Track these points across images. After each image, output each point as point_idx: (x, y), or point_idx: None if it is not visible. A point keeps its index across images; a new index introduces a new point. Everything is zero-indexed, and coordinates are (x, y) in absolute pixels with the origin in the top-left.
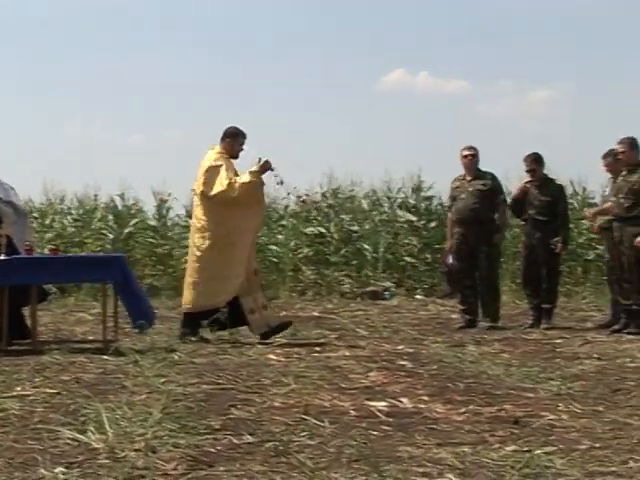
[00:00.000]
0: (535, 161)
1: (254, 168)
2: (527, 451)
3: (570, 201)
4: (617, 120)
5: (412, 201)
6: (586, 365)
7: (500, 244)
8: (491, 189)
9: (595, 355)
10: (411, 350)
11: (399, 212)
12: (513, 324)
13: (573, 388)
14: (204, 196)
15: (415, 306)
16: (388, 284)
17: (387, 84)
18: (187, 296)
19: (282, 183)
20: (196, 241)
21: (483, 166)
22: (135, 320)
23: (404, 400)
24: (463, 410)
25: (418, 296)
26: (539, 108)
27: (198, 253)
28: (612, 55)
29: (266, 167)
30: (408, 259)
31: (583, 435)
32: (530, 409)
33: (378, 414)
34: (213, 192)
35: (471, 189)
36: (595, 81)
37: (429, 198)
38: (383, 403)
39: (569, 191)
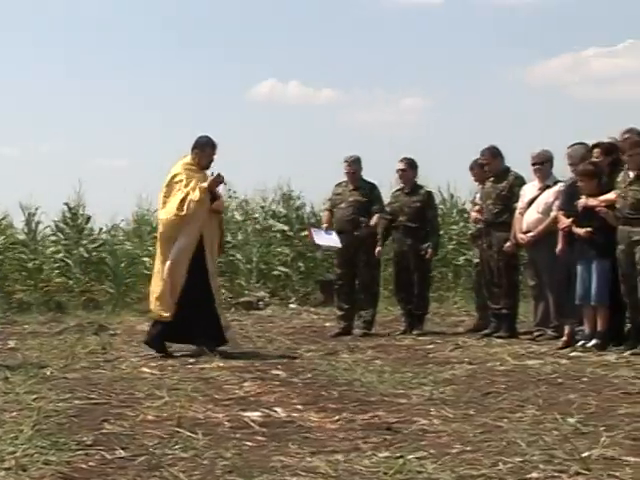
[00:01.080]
0: (409, 164)
1: (204, 184)
2: (399, 457)
3: (440, 207)
4: (484, 127)
5: (283, 210)
6: (457, 370)
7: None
8: (370, 200)
9: (466, 359)
10: (285, 359)
11: (271, 222)
12: (386, 331)
13: (445, 393)
14: (162, 210)
15: (289, 315)
16: (262, 294)
17: (258, 94)
18: None
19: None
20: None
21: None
22: None
23: (278, 410)
24: (337, 418)
25: (292, 305)
26: (410, 116)
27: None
28: (479, 62)
29: (217, 182)
30: (281, 268)
31: (454, 439)
32: (403, 415)
33: (252, 424)
34: (166, 210)
35: (351, 199)
36: (464, 88)
37: (300, 207)
38: (257, 413)
39: (438, 198)
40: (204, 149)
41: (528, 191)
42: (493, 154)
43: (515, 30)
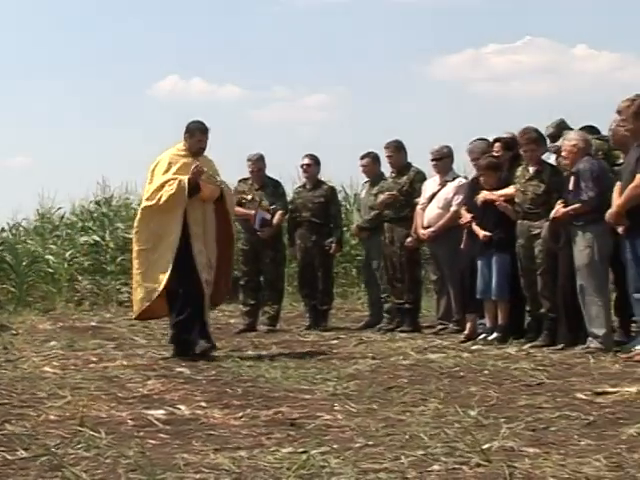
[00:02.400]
0: (313, 160)
1: (185, 177)
2: (303, 452)
3: (343, 204)
4: (387, 123)
5: None
6: (361, 365)
7: (285, 248)
8: (275, 198)
9: (370, 354)
10: (189, 357)
11: None
12: (290, 327)
13: (348, 388)
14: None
15: None
16: None
17: (161, 90)
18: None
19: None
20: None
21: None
22: None
23: (182, 407)
24: (240, 414)
25: None
26: (312, 113)
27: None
28: (382, 59)
29: (197, 173)
30: None
31: (357, 434)
32: (306, 410)
33: (156, 422)
34: (143, 199)
35: (258, 199)
36: (367, 85)
37: None
38: (161, 411)
39: (341, 194)
40: (193, 134)
41: (429, 186)
42: (397, 148)
43: (417, 27)
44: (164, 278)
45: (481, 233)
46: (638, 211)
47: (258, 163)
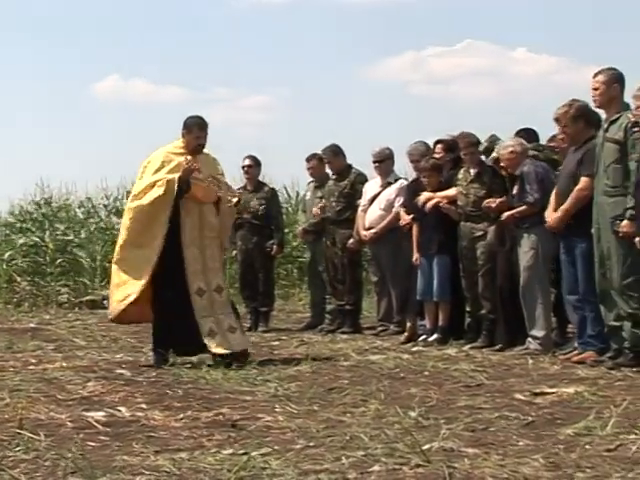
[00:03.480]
0: (254, 161)
1: (175, 175)
2: (244, 454)
3: (285, 205)
4: (328, 125)
5: None
6: (302, 366)
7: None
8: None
9: (311, 356)
10: (130, 358)
11: (115, 219)
12: None
13: (289, 389)
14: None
15: None
16: (106, 292)
17: (101, 90)
18: None
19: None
20: None
21: None
22: None
23: (122, 409)
24: (181, 416)
25: None
26: (254, 114)
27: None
28: (323, 61)
29: (188, 170)
30: None
31: (298, 435)
32: (247, 412)
33: (95, 424)
34: (132, 195)
35: None
36: (307, 87)
37: None
38: (101, 413)
39: (283, 196)
40: (191, 130)
41: (370, 188)
42: (334, 152)
43: (357, 29)
44: (136, 290)
45: (415, 256)
46: (575, 213)
47: None
